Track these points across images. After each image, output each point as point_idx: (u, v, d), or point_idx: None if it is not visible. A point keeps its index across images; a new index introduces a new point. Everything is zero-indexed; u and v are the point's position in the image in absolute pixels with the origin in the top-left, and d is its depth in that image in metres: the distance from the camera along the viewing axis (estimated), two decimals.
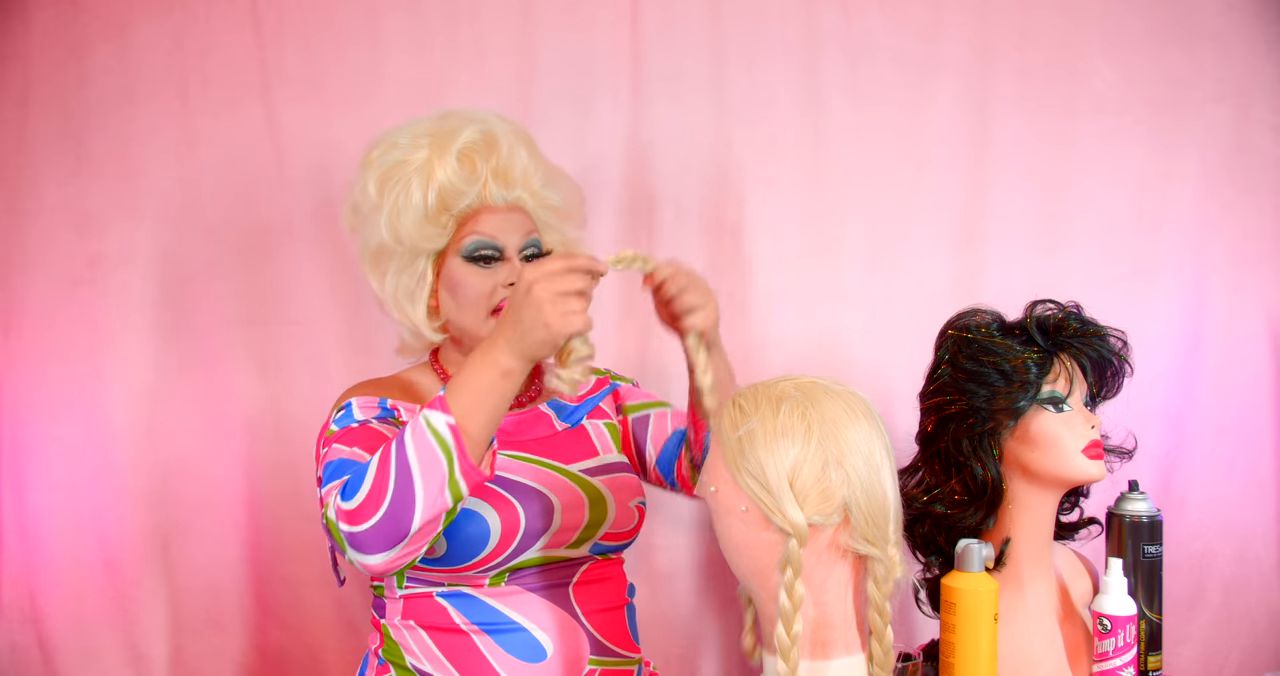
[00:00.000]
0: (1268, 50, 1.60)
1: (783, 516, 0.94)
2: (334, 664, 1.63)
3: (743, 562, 0.99)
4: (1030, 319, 1.22)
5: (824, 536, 0.95)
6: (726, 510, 0.98)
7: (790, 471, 0.94)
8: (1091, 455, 1.19)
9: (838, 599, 0.98)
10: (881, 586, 0.97)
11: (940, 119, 1.62)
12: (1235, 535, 1.60)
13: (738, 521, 0.97)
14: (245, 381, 1.63)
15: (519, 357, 1.02)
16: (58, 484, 1.61)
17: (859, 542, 0.95)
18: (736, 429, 0.97)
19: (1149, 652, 1.23)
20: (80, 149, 1.62)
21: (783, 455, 0.94)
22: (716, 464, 0.99)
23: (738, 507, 0.97)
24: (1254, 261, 1.60)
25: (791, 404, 0.96)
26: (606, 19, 1.63)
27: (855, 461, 0.94)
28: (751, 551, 0.98)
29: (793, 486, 0.94)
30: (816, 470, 0.94)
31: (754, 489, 0.95)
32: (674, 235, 1.63)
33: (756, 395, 0.98)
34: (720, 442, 0.98)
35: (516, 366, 1.02)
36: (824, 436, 0.94)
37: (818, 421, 0.95)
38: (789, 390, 0.97)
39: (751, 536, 0.97)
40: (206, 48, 1.62)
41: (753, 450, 0.95)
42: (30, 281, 1.62)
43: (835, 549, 0.96)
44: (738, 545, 0.98)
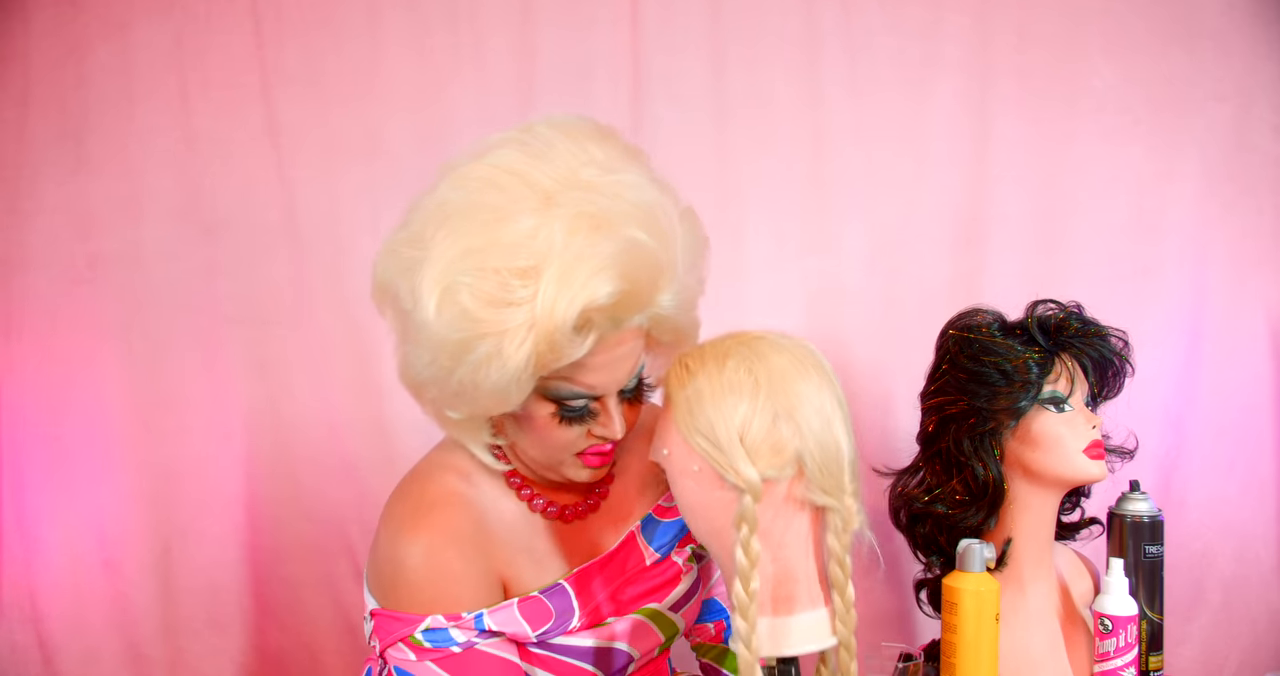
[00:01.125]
0: (1268, 50, 1.59)
1: (735, 473, 0.93)
2: (334, 664, 1.63)
3: (700, 523, 0.98)
4: (1031, 319, 1.22)
5: (779, 490, 0.94)
6: (680, 471, 0.97)
7: (740, 427, 0.93)
8: (1092, 455, 1.19)
9: (798, 553, 0.96)
10: (840, 538, 0.95)
11: (940, 118, 1.62)
12: (1235, 535, 1.59)
13: (691, 482, 0.96)
14: (245, 381, 1.63)
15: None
16: (58, 484, 1.61)
17: (815, 493, 0.94)
18: (683, 388, 0.95)
19: (1150, 652, 1.23)
20: (80, 149, 1.61)
21: (731, 411, 0.93)
22: (667, 425, 0.98)
23: (690, 468, 0.96)
24: (1254, 261, 1.60)
25: (738, 360, 0.95)
26: (606, 18, 1.62)
27: (806, 413, 0.93)
28: (707, 511, 0.97)
29: (743, 442, 0.92)
30: (766, 424, 0.93)
31: (705, 447, 0.94)
32: None
33: (703, 353, 0.97)
34: (670, 402, 0.97)
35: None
36: (772, 390, 0.93)
37: (765, 375, 0.94)
38: (734, 346, 0.96)
39: (706, 496, 0.96)
40: (206, 47, 1.62)
41: (701, 408, 0.94)
42: (30, 281, 1.62)
43: (792, 502, 0.95)
44: (693, 506, 0.98)
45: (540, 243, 0.88)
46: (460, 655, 1.01)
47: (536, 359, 0.90)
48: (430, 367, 0.94)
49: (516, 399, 0.94)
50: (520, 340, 0.88)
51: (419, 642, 1.01)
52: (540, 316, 0.87)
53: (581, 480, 1.05)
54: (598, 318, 0.91)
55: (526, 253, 0.88)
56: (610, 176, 0.93)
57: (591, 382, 0.96)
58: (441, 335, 0.90)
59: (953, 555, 1.16)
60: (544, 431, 0.99)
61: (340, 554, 1.62)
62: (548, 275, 0.87)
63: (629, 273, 0.90)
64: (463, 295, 0.88)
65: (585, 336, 0.91)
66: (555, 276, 0.87)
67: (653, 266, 0.93)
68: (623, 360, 0.97)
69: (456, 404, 0.97)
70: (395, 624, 1.02)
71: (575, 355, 0.92)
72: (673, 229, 0.96)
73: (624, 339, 0.96)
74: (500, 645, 1.04)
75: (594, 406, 0.99)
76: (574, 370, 0.94)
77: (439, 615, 1.00)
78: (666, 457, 0.98)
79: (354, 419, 1.62)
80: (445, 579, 1.01)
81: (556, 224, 0.88)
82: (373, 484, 1.59)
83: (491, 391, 0.92)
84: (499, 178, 0.92)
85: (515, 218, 0.89)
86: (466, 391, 0.93)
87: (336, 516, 1.61)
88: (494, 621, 1.03)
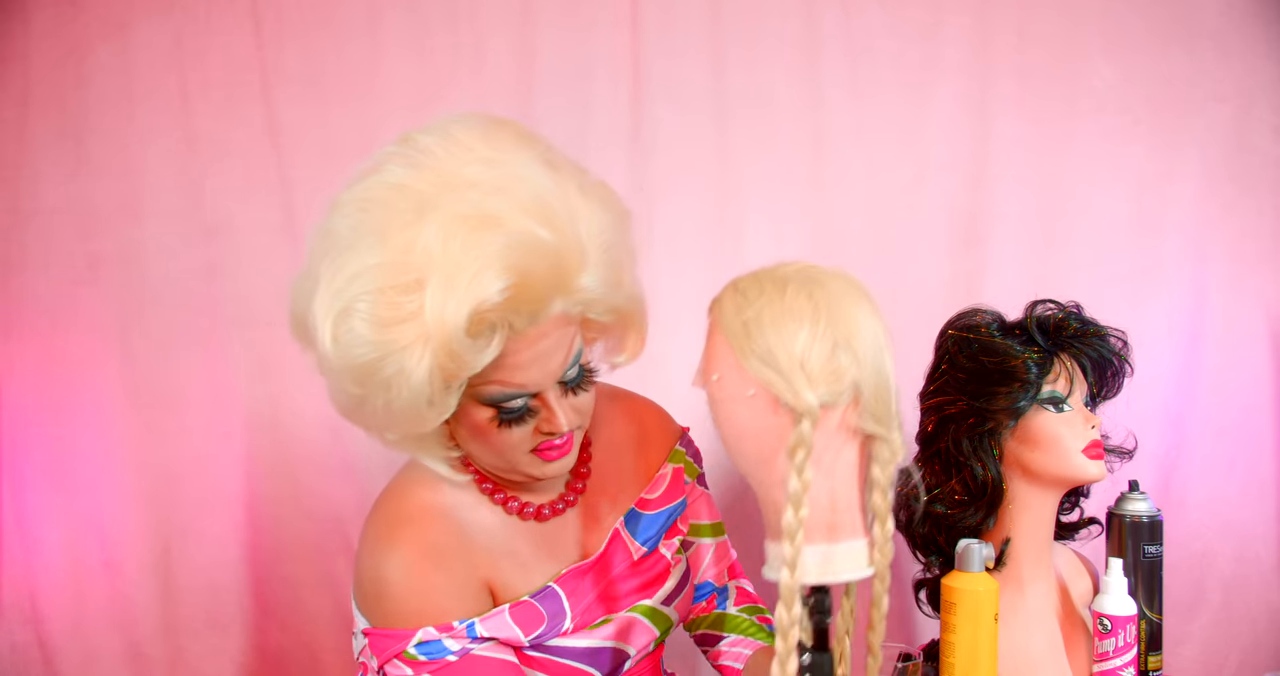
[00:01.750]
0: (1268, 50, 1.59)
1: (796, 397, 0.92)
2: (334, 664, 1.63)
3: (747, 450, 0.97)
4: (1030, 319, 1.22)
5: (834, 417, 0.94)
6: (731, 397, 0.95)
7: (801, 353, 0.92)
8: (1092, 455, 1.19)
9: (845, 482, 0.96)
10: (886, 469, 0.95)
11: (940, 119, 1.62)
12: (1235, 535, 1.60)
13: (743, 408, 0.95)
14: (245, 381, 1.63)
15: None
16: (58, 484, 1.61)
17: (868, 422, 0.94)
18: (740, 313, 0.95)
19: (1149, 652, 1.23)
20: (80, 149, 1.61)
21: (792, 337, 0.92)
22: (719, 351, 0.96)
23: (744, 393, 0.95)
24: (1254, 261, 1.60)
25: (797, 286, 0.94)
26: (606, 19, 1.62)
27: (863, 341, 0.93)
28: (758, 438, 0.96)
29: (803, 368, 0.92)
30: (826, 351, 0.92)
31: (763, 372, 0.93)
32: (674, 235, 1.63)
33: (759, 279, 0.97)
34: (722, 328, 0.96)
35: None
36: (831, 317, 0.93)
37: (824, 302, 0.93)
38: (791, 273, 0.96)
39: (759, 422, 0.95)
40: (206, 48, 1.62)
41: (761, 333, 0.93)
42: (30, 281, 1.62)
43: (844, 430, 0.95)
44: (742, 432, 0.96)
45: (418, 254, 0.86)
46: (457, 663, 1.00)
47: (441, 372, 0.88)
48: (342, 396, 0.94)
49: (434, 417, 0.93)
50: (419, 356, 0.86)
51: (414, 657, 1.00)
52: (432, 328, 0.85)
53: (549, 476, 1.04)
54: (496, 318, 0.88)
55: (408, 267, 0.86)
56: (495, 170, 0.91)
57: (522, 381, 0.94)
58: (343, 363, 0.89)
59: (952, 555, 1.16)
60: (489, 437, 0.98)
61: (340, 553, 1.62)
62: (431, 284, 0.85)
63: (521, 265, 0.87)
64: (354, 321, 0.87)
65: (487, 339, 0.89)
66: (439, 285, 0.85)
67: (550, 254, 0.89)
68: (550, 353, 0.95)
69: (385, 428, 0.96)
70: (388, 641, 1.01)
71: (483, 359, 0.89)
72: (572, 210, 0.92)
73: (546, 332, 0.93)
74: (496, 648, 1.03)
75: (534, 404, 0.97)
76: (499, 371, 0.92)
77: (429, 627, 1.00)
78: (716, 383, 0.96)
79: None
80: (429, 590, 1.00)
81: (432, 230, 0.86)
82: (373, 484, 1.58)
83: (407, 412, 0.91)
84: (377, 195, 0.91)
85: (394, 233, 0.87)
86: (384, 415, 0.92)
87: (336, 516, 1.62)
88: (486, 629, 1.02)
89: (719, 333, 0.97)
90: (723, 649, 1.26)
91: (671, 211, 1.63)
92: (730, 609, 1.29)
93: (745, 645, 1.24)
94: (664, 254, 1.63)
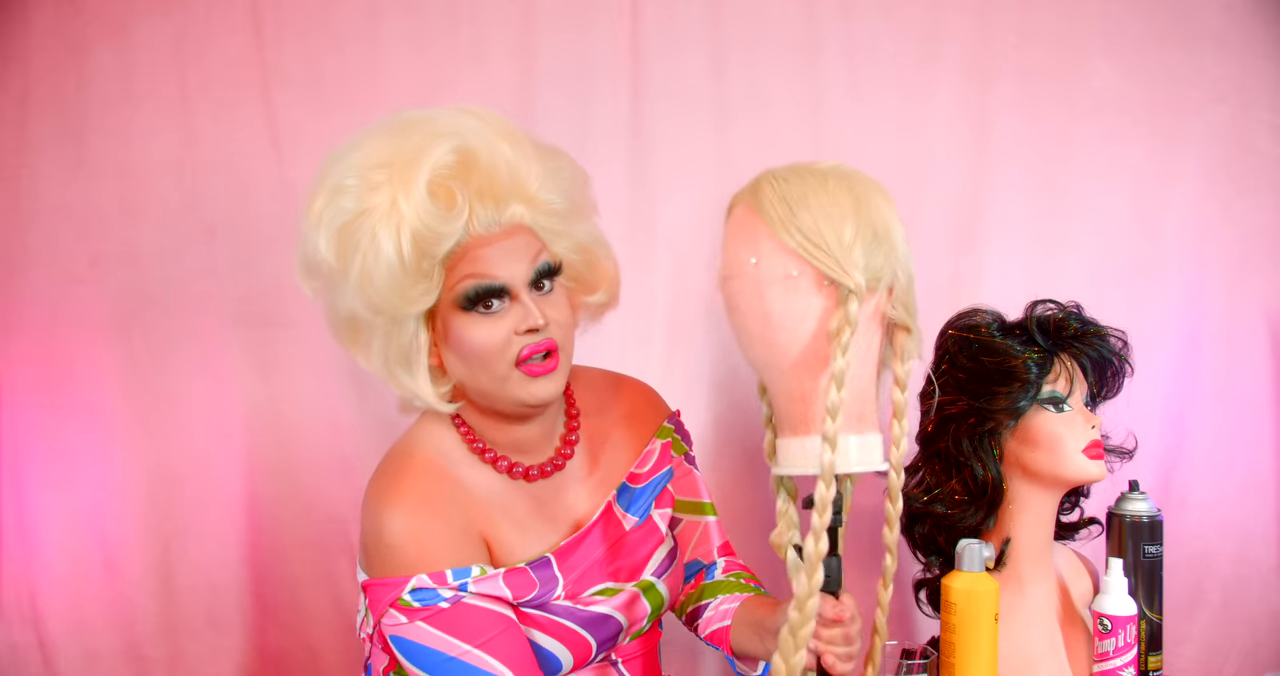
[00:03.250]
0: (1268, 50, 1.59)
1: (845, 275, 0.95)
2: (334, 664, 1.63)
3: (779, 338, 0.97)
4: (1030, 319, 1.22)
5: (871, 303, 0.97)
6: (769, 279, 0.96)
7: (849, 236, 0.96)
8: (1092, 455, 1.19)
9: (868, 374, 0.99)
10: (907, 362, 1.00)
11: (940, 119, 1.62)
12: (1235, 535, 1.59)
13: (780, 290, 0.96)
14: (245, 382, 1.63)
15: None
16: (58, 484, 1.61)
17: (899, 311, 0.98)
18: (784, 196, 0.97)
19: (1149, 652, 1.23)
20: (80, 149, 1.61)
21: (840, 222, 0.96)
22: (754, 234, 0.97)
23: (786, 272, 0.96)
24: (1254, 261, 1.60)
25: (837, 179, 0.98)
26: (606, 19, 1.62)
27: (896, 236, 0.98)
28: (796, 319, 0.97)
29: (851, 249, 0.95)
30: (869, 238, 0.96)
31: (811, 250, 0.95)
32: (675, 235, 1.63)
33: (796, 171, 0.99)
34: (760, 211, 0.97)
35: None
36: (870, 210, 0.97)
37: (864, 196, 0.97)
38: (828, 169, 0.99)
39: (798, 303, 0.96)
40: (206, 48, 1.62)
41: (808, 213, 0.96)
42: (30, 281, 1.62)
43: (875, 319, 0.98)
44: (779, 315, 0.97)
45: (388, 149, 1.03)
46: (450, 610, 1.04)
47: (412, 232, 1.00)
48: (339, 287, 1.05)
49: (426, 289, 1.03)
50: (387, 216, 1.00)
51: (408, 604, 1.03)
52: (398, 191, 1.00)
53: (535, 399, 1.07)
54: (457, 188, 1.02)
55: (384, 155, 1.03)
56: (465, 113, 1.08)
57: (493, 272, 1.04)
58: (327, 236, 1.03)
59: (952, 555, 1.16)
60: (474, 344, 1.04)
61: (340, 553, 1.62)
62: (399, 158, 1.01)
63: (463, 144, 1.03)
64: (339, 197, 1.03)
65: (450, 207, 1.02)
66: (405, 157, 1.01)
67: (490, 142, 1.04)
68: (516, 253, 1.05)
69: (378, 322, 1.05)
70: (383, 590, 1.05)
71: (450, 229, 1.02)
72: (514, 130, 1.08)
73: (511, 232, 1.06)
74: (488, 598, 1.06)
75: (510, 302, 1.05)
76: (472, 264, 1.03)
77: (423, 575, 1.03)
78: (754, 266, 0.97)
79: (354, 419, 1.62)
80: (425, 538, 1.05)
81: (400, 127, 1.05)
82: None
83: (390, 283, 1.01)
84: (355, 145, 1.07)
85: (372, 141, 1.05)
86: (371, 295, 1.02)
87: (336, 515, 1.61)
88: (478, 588, 1.05)
89: (755, 216, 0.98)
90: (709, 614, 1.26)
91: (671, 211, 1.64)
92: (718, 576, 1.30)
93: (732, 600, 1.23)
94: (665, 254, 1.63)
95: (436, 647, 1.03)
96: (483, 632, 1.03)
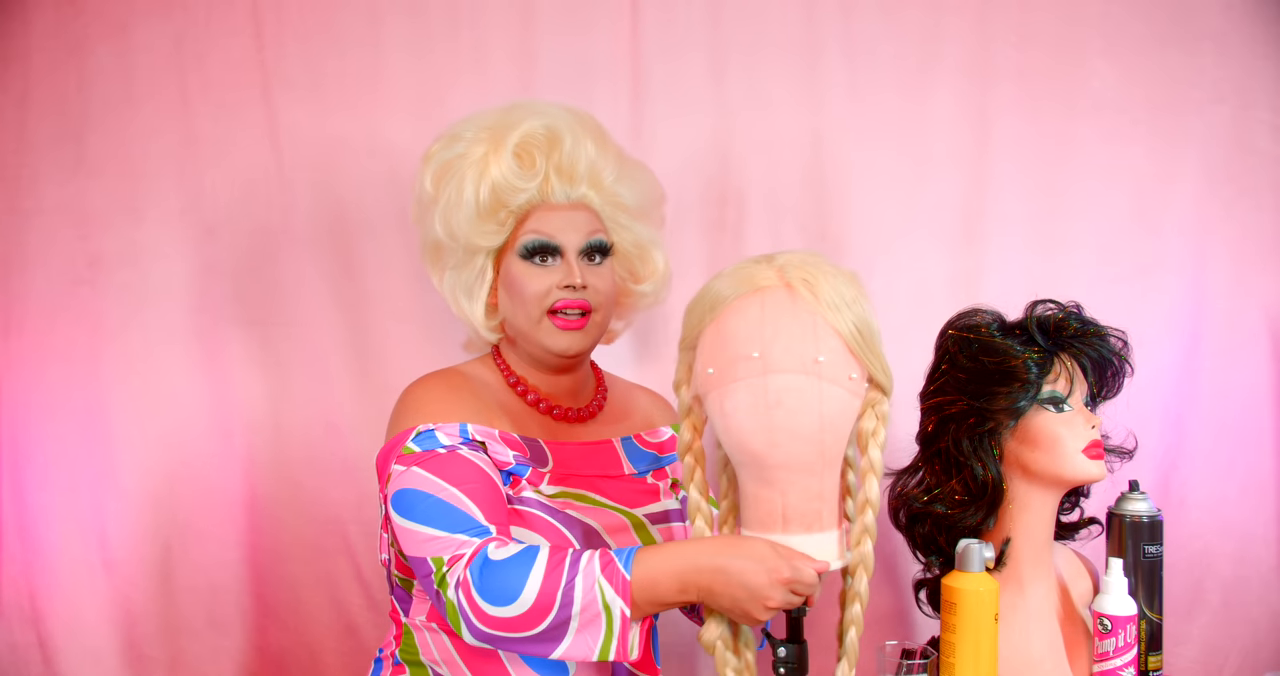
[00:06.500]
0: (1268, 50, 1.59)
1: (885, 373, 0.97)
2: (334, 664, 1.63)
3: (828, 438, 0.96)
4: (1030, 319, 1.22)
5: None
6: (832, 381, 0.95)
7: (878, 332, 0.98)
8: (1092, 455, 1.19)
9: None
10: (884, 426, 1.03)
11: (940, 119, 1.62)
12: (1235, 535, 1.59)
13: (842, 391, 0.95)
14: (245, 382, 1.63)
15: (708, 602, 1.03)
16: (58, 484, 1.61)
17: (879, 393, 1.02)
18: (841, 295, 0.97)
19: (1149, 652, 1.23)
20: (80, 149, 1.62)
21: (872, 317, 0.98)
22: (821, 332, 0.95)
23: (847, 375, 0.95)
24: (1254, 261, 1.60)
25: (848, 274, 1.00)
26: (606, 20, 1.63)
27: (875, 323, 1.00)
28: (843, 422, 0.97)
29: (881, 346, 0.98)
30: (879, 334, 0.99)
31: (866, 351, 0.96)
32: (675, 235, 1.63)
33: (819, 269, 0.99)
34: (826, 306, 0.96)
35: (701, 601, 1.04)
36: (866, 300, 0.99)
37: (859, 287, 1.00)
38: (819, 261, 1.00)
39: (850, 405, 0.97)
40: (206, 49, 1.62)
41: (860, 311, 0.97)
42: (30, 281, 1.62)
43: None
44: (833, 418, 0.96)
45: (496, 117, 1.24)
46: (444, 456, 1.13)
47: (492, 181, 1.20)
48: (430, 214, 1.23)
49: (495, 231, 1.22)
50: (477, 165, 1.20)
51: (410, 450, 1.14)
52: (490, 148, 1.21)
53: (559, 348, 1.22)
54: (539, 160, 1.22)
55: (493, 118, 1.24)
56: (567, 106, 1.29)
57: (550, 232, 1.22)
58: (431, 173, 1.24)
59: (952, 555, 1.16)
60: (521, 286, 1.22)
61: (340, 554, 1.62)
62: (501, 125, 1.22)
63: (553, 124, 1.23)
64: (451, 144, 1.24)
65: (528, 169, 1.21)
66: (505, 124, 1.22)
67: (576, 133, 1.23)
68: (577, 223, 1.23)
69: (454, 250, 1.23)
70: (393, 446, 1.16)
71: (523, 187, 1.21)
72: (603, 134, 1.28)
73: (576, 206, 1.25)
74: (480, 458, 1.15)
75: (560, 261, 1.22)
76: (537, 222, 1.22)
77: (429, 422, 1.15)
78: (819, 366, 0.95)
79: (354, 419, 1.62)
80: (438, 400, 1.19)
81: (517, 106, 1.26)
82: (372, 484, 1.58)
83: (468, 217, 1.20)
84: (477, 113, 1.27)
85: (484, 114, 1.26)
86: (452, 225, 1.21)
87: (336, 516, 1.62)
88: (478, 433, 1.17)
89: (818, 313, 0.96)
90: None
91: (671, 212, 1.63)
92: None
93: None
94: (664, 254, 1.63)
95: (423, 488, 1.10)
96: (467, 479, 1.11)
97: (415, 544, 1.09)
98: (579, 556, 1.03)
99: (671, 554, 1.02)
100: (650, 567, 1.01)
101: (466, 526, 1.07)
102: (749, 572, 0.99)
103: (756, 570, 0.98)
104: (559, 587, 1.00)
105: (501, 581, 1.02)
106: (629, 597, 1.00)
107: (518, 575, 1.01)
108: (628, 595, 1.00)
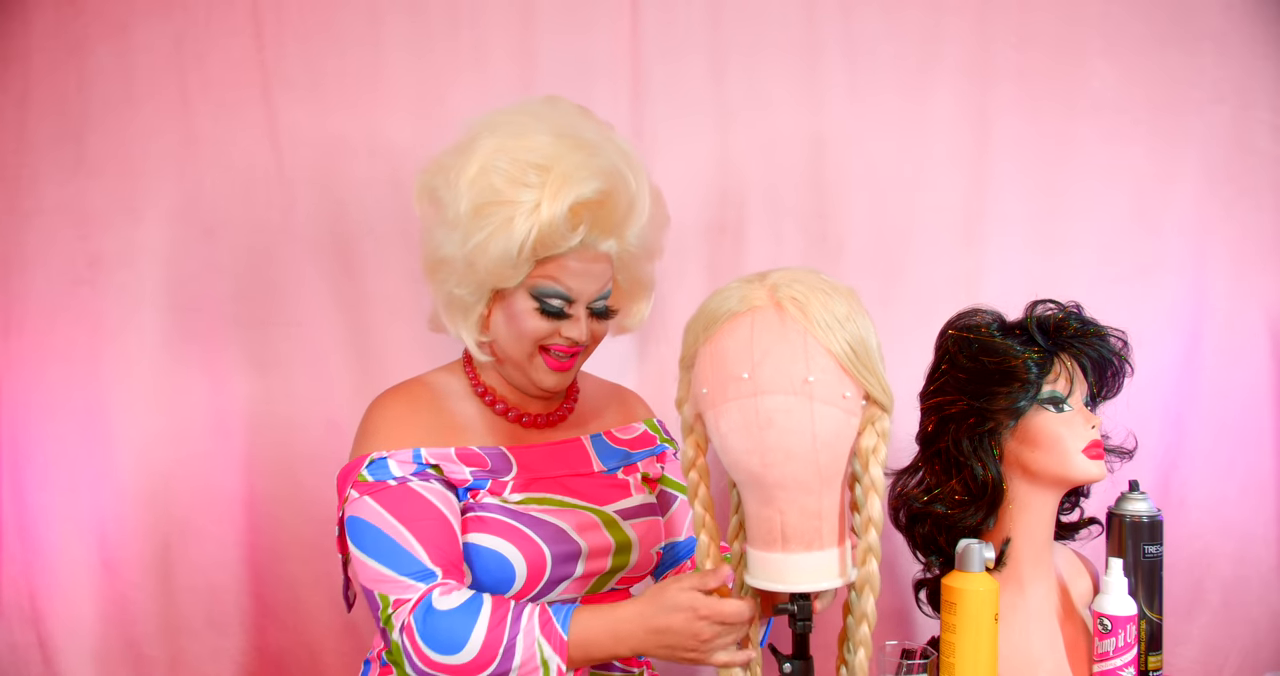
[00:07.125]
0: (1268, 50, 1.59)
1: (886, 392, 0.95)
2: (333, 664, 1.63)
3: (823, 457, 0.95)
4: (1030, 319, 1.22)
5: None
6: (824, 400, 0.94)
7: (877, 348, 0.96)
8: (1092, 455, 1.19)
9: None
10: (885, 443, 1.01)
11: (940, 119, 1.62)
12: (1235, 535, 1.59)
13: (831, 411, 0.94)
14: (245, 381, 1.63)
15: (654, 652, 1.06)
16: (58, 484, 1.61)
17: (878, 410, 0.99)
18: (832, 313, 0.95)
19: (1149, 652, 1.23)
20: (80, 149, 1.62)
21: (870, 334, 0.96)
22: (811, 352, 0.94)
23: (840, 394, 0.94)
24: (1254, 261, 1.60)
25: (846, 292, 0.98)
26: (606, 20, 1.62)
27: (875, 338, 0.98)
28: (840, 441, 0.95)
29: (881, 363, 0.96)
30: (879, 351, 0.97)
31: (861, 369, 0.95)
32: (674, 236, 1.63)
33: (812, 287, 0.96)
34: (817, 329, 0.94)
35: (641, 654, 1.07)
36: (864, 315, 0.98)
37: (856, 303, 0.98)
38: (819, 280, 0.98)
39: (846, 423, 0.95)
40: (206, 49, 1.62)
41: (854, 329, 0.95)
42: (30, 281, 1.62)
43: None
44: (828, 437, 0.94)
45: (552, 150, 1.16)
46: (394, 489, 1.15)
47: (536, 235, 1.14)
48: (452, 236, 1.17)
49: (513, 275, 1.17)
50: (527, 215, 1.14)
51: (363, 478, 1.16)
52: (545, 200, 1.13)
53: (545, 385, 1.24)
54: (586, 216, 1.17)
55: (542, 155, 1.15)
56: (603, 132, 1.24)
57: (569, 284, 1.19)
58: (469, 200, 1.15)
59: (952, 555, 1.16)
60: (522, 321, 1.20)
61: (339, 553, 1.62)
62: (555, 172, 1.14)
63: (609, 187, 1.17)
64: (493, 175, 1.15)
65: (572, 230, 1.16)
66: (560, 174, 1.14)
67: (627, 189, 1.19)
68: (594, 276, 1.21)
69: (465, 276, 1.18)
70: (348, 472, 1.18)
71: (564, 245, 1.16)
72: (643, 178, 1.23)
73: (598, 258, 1.21)
74: (432, 489, 1.17)
75: (568, 310, 1.20)
76: (557, 271, 1.19)
77: (382, 450, 1.17)
78: (809, 385, 0.94)
79: (354, 418, 1.61)
80: (395, 422, 1.21)
81: (565, 142, 1.17)
82: None
83: (496, 260, 1.15)
84: (529, 109, 1.23)
85: (536, 134, 1.17)
86: (476, 259, 1.16)
87: (335, 516, 1.61)
88: (432, 456, 1.18)
89: (808, 333, 0.95)
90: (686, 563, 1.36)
91: (671, 212, 1.63)
92: None
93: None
94: (665, 255, 1.62)
95: (374, 522, 1.14)
96: (416, 517, 1.14)
97: (365, 576, 1.14)
98: (520, 613, 1.07)
99: (605, 614, 1.07)
100: (586, 627, 1.06)
101: (412, 569, 1.11)
102: (670, 619, 1.03)
103: (674, 617, 1.03)
104: (501, 643, 1.05)
105: (446, 631, 1.06)
106: (565, 655, 1.06)
107: (462, 626, 1.06)
108: (564, 653, 1.06)
